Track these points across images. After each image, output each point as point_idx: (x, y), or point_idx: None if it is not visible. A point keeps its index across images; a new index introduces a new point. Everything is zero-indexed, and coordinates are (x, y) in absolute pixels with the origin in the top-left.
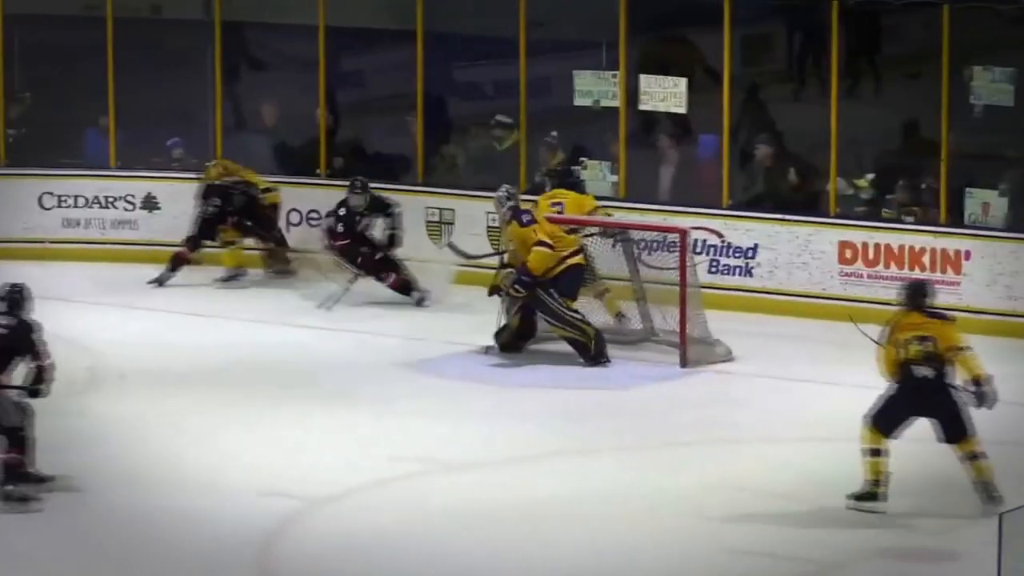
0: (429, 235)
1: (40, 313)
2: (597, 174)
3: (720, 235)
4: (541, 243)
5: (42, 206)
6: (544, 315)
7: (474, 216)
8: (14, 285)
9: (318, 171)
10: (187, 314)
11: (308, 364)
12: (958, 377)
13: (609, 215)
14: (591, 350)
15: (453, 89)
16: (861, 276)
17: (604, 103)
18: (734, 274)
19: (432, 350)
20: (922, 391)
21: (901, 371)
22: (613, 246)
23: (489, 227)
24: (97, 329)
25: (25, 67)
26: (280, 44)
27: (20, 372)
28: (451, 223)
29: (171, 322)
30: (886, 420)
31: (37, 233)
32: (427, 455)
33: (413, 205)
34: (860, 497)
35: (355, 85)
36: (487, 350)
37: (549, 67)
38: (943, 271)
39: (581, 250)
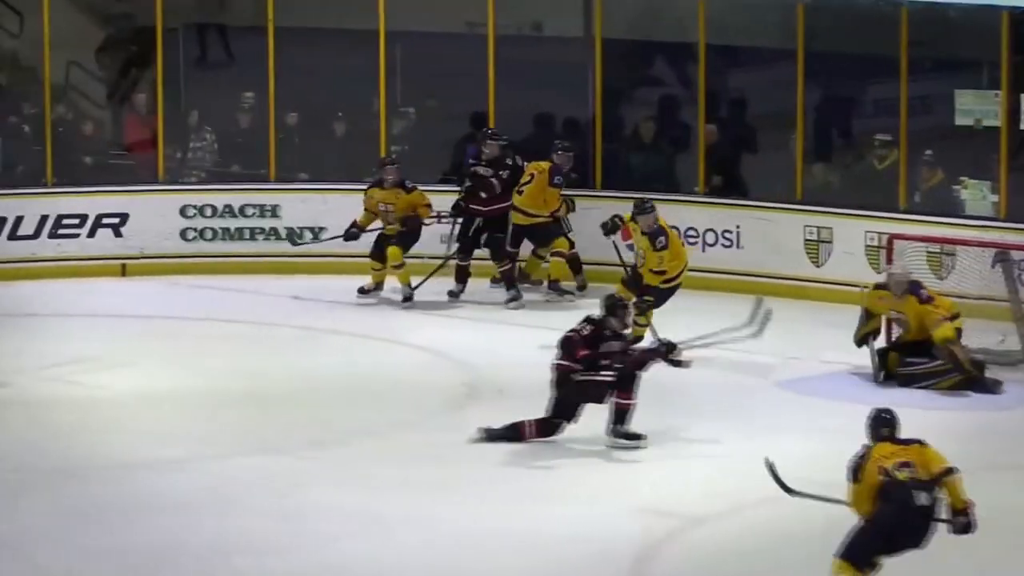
0: (807, 254)
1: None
2: (977, 194)
3: None
4: (946, 319)
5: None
6: (923, 384)
7: (852, 235)
8: (611, 296)
9: (695, 188)
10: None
11: (681, 382)
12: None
13: None
14: (980, 382)
15: (833, 107)
16: None
17: (986, 122)
18: None
19: (807, 369)
20: (914, 519)
21: (893, 496)
22: (992, 266)
23: (867, 246)
24: (477, 343)
25: (408, 83)
26: (660, 61)
27: None
28: (828, 242)
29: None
30: (865, 552)
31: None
32: (801, 476)
33: (791, 223)
34: None
35: (736, 102)
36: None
37: (930, 86)
38: None
39: (958, 315)
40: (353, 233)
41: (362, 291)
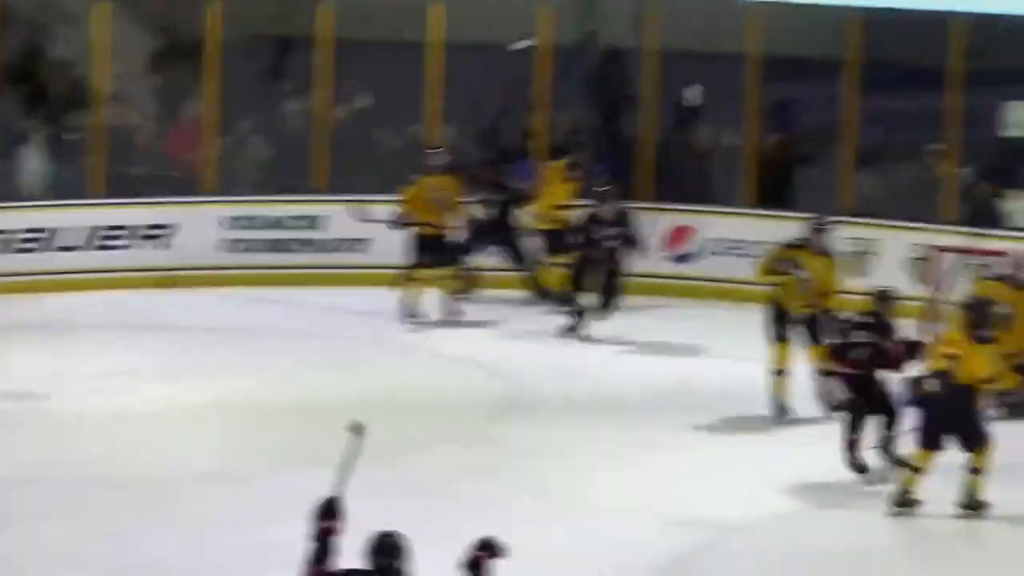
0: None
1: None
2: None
3: None
4: None
5: None
6: None
7: (897, 247)
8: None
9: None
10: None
11: (717, 393)
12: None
13: None
14: None
15: (880, 118)
16: None
17: None
18: None
19: None
20: (932, 407)
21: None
22: None
23: (912, 258)
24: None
25: (459, 96)
26: (713, 73)
27: None
28: (874, 254)
29: (592, 349)
30: (926, 438)
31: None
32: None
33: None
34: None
35: (786, 114)
36: None
37: (981, 98)
38: None
39: None
40: (401, 223)
41: (411, 316)
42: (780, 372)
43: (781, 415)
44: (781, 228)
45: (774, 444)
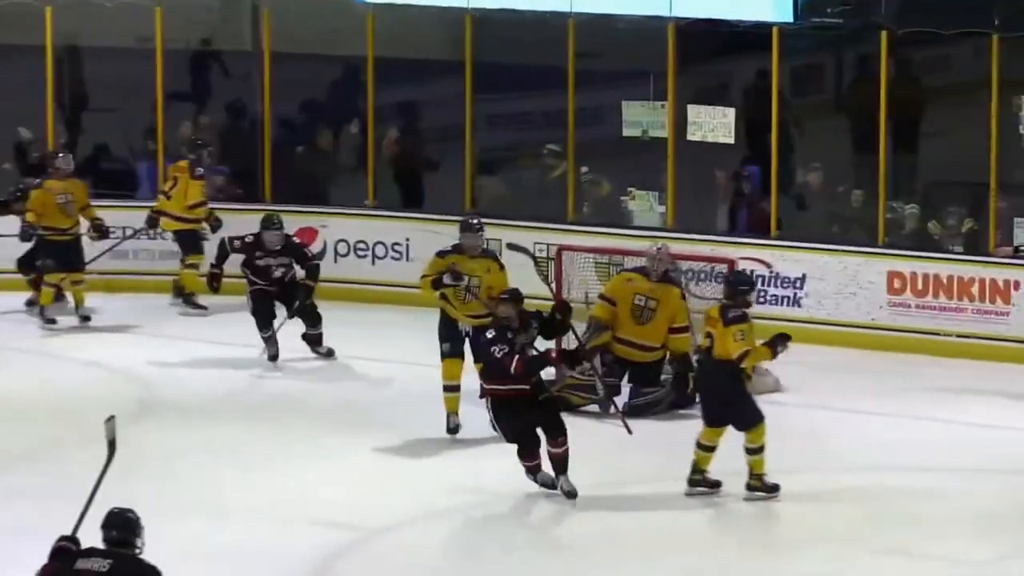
0: None
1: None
2: (644, 204)
3: (768, 265)
4: None
5: None
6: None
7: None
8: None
9: (366, 201)
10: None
11: (367, 397)
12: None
13: None
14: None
15: (501, 120)
16: (909, 306)
17: (652, 133)
18: (782, 304)
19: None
20: (703, 386)
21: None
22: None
23: (536, 257)
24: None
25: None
26: (332, 74)
27: None
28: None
29: (231, 352)
30: (706, 416)
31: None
32: (483, 487)
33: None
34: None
35: (405, 115)
36: None
37: (598, 97)
38: (992, 301)
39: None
40: (29, 233)
41: (45, 321)
42: (451, 388)
43: (453, 431)
44: (405, 229)
45: (444, 455)
